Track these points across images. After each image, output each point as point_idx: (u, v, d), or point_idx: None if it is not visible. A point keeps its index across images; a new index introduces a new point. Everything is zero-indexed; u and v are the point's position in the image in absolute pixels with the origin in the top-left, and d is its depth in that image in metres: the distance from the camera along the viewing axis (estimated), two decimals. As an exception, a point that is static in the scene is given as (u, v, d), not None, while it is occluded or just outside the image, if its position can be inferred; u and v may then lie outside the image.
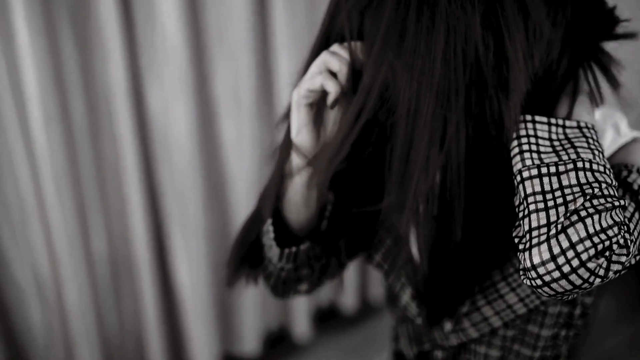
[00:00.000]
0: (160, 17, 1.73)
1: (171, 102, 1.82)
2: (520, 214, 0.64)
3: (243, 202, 2.03)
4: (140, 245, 1.92)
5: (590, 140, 0.66)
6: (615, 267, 0.60)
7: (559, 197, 0.61)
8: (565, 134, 0.66)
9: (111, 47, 1.68)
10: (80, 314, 1.88)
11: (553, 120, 0.67)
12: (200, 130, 1.90)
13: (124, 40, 1.69)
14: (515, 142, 0.66)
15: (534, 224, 0.62)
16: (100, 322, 1.99)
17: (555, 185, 0.62)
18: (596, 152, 0.65)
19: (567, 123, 0.67)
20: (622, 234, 0.61)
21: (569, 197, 0.61)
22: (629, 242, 0.61)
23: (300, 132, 0.76)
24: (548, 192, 0.62)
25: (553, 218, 0.61)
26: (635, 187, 0.71)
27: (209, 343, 2.13)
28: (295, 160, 0.79)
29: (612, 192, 0.63)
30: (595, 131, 0.68)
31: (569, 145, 0.65)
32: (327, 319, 2.50)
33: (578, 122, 0.67)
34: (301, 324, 2.35)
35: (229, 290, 2.17)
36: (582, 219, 0.60)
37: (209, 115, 1.93)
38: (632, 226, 0.64)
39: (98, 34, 1.69)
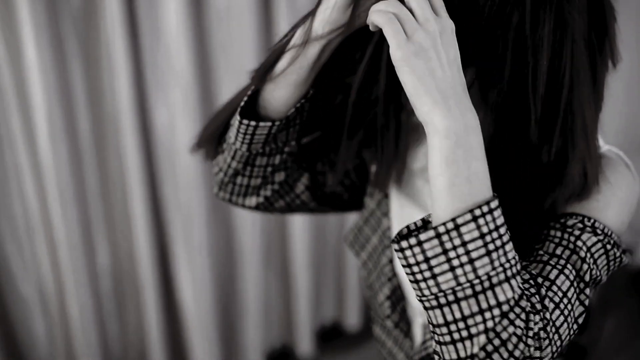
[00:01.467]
0: (165, 36, 1.75)
1: (177, 118, 1.84)
2: (435, 338, 0.63)
3: (247, 218, 2.04)
4: (144, 261, 1.93)
5: (488, 238, 0.59)
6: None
7: (463, 329, 0.60)
8: (460, 235, 0.59)
9: (117, 65, 1.71)
10: (83, 328, 1.89)
11: (442, 229, 0.59)
12: (205, 147, 1.91)
13: (130, 57, 1.72)
14: (408, 270, 0.62)
15: (447, 357, 0.61)
16: (103, 337, 2.00)
17: (458, 315, 0.60)
18: (494, 256, 0.59)
19: (460, 220, 0.59)
20: (531, 340, 0.60)
21: (473, 330, 0.59)
22: (542, 337, 0.61)
23: (333, 9, 0.70)
24: (451, 322, 0.60)
25: (462, 353, 0.60)
26: (585, 267, 0.68)
27: (211, 359, 2.13)
28: (319, 26, 0.71)
29: (509, 307, 0.59)
30: (495, 208, 0.60)
31: (466, 260, 0.59)
32: (331, 337, 2.49)
33: (472, 212, 0.59)
34: (304, 342, 2.35)
35: (233, 308, 2.18)
36: (489, 355, 0.59)
37: (214, 132, 1.94)
38: (556, 317, 0.63)
39: (105, 51, 1.72)
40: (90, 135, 1.80)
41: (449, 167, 0.60)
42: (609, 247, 0.71)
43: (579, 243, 0.69)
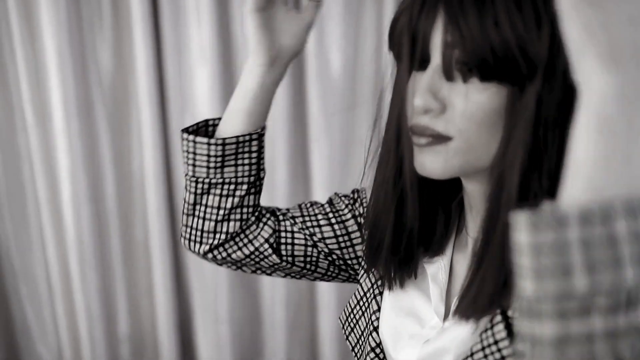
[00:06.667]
0: (194, 101, 1.76)
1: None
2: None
3: (272, 288, 1.99)
4: (164, 329, 1.90)
5: None
6: None
7: (583, 352, 0.43)
8: (610, 230, 0.42)
9: (145, 131, 1.72)
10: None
11: (590, 212, 0.43)
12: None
13: (157, 123, 1.73)
14: (528, 258, 0.44)
15: None
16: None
17: (581, 330, 0.43)
18: None
19: (615, 210, 0.42)
20: None
21: (600, 355, 0.42)
22: None
23: (252, 40, 0.80)
24: (570, 341, 0.43)
25: None
26: None
27: None
28: (255, 62, 0.81)
29: None
30: None
31: (610, 255, 0.43)
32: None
33: (629, 203, 0.42)
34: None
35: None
36: None
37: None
38: None
39: (133, 117, 1.74)
40: (115, 200, 1.80)
41: (603, 136, 0.43)
42: None
43: None
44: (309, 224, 0.90)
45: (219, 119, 0.85)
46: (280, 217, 0.90)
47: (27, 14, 1.64)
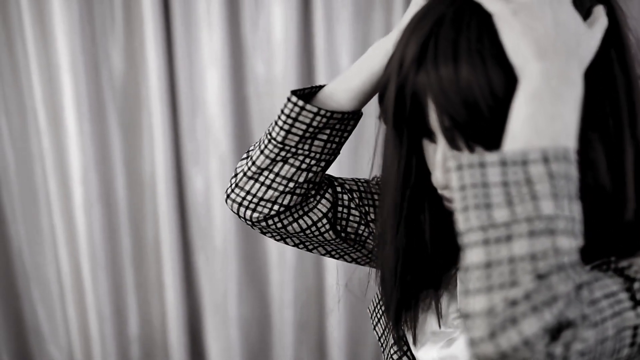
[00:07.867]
0: (205, 104, 1.77)
1: (213, 187, 1.84)
2: (465, 286, 0.53)
3: (278, 289, 1.99)
4: (174, 330, 1.90)
5: (560, 183, 0.53)
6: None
7: (507, 272, 0.51)
8: (526, 173, 0.53)
9: (156, 133, 1.73)
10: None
11: (509, 156, 0.53)
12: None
13: (168, 126, 1.74)
14: (459, 194, 0.54)
15: (477, 307, 0.51)
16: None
17: (504, 253, 0.51)
18: (563, 202, 0.52)
19: (531, 156, 0.53)
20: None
21: (520, 274, 0.51)
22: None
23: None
24: (495, 263, 0.51)
25: (497, 298, 0.50)
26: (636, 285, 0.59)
27: None
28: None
29: (569, 262, 0.51)
30: (572, 160, 0.54)
31: (528, 197, 0.52)
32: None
33: (544, 152, 0.53)
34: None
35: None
36: (535, 309, 0.50)
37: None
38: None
39: (145, 119, 1.75)
40: (126, 201, 1.81)
41: (530, 103, 0.56)
42: None
43: (624, 263, 0.61)
44: (365, 201, 0.87)
45: (319, 87, 0.80)
46: (339, 189, 0.86)
47: (40, 16, 1.66)
